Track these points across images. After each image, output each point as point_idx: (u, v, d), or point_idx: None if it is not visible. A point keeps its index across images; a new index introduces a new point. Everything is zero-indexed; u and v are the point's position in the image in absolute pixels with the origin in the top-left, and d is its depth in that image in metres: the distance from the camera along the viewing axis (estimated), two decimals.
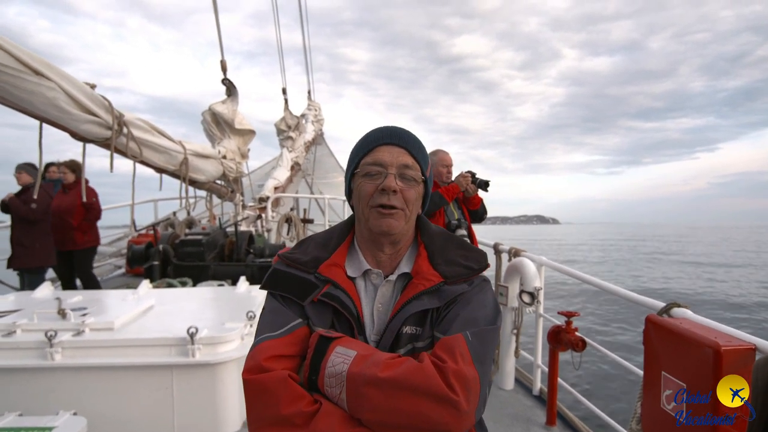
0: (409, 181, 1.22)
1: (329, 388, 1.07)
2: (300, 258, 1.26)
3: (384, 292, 1.25)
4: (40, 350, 2.82)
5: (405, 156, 1.23)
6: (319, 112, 19.51)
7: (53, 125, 3.68)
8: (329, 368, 1.08)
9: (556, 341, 3.31)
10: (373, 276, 1.26)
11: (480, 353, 1.10)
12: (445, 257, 1.26)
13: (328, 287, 1.20)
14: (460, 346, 1.08)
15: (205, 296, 4.32)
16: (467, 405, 1.03)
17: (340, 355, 1.09)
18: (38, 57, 3.31)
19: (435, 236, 1.31)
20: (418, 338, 1.18)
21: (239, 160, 7.70)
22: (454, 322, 1.15)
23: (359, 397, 1.03)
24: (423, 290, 1.19)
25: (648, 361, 2.21)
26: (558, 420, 3.49)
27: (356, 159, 1.27)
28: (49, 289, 4.16)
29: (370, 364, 1.05)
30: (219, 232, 7.08)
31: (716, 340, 1.84)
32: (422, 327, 1.19)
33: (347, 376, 1.05)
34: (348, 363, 1.07)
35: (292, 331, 1.16)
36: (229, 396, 2.95)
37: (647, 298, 2.63)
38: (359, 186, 1.24)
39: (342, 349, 1.10)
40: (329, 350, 1.10)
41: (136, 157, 4.69)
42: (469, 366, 1.06)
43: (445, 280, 1.20)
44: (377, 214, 1.20)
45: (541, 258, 4.05)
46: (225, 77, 7.27)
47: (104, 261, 8.55)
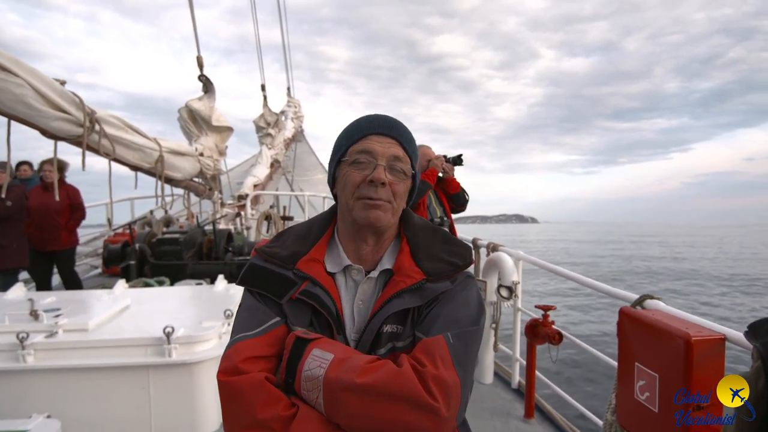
0: (398, 173, 1.18)
1: (306, 392, 1.04)
2: (278, 252, 1.21)
3: (365, 289, 1.21)
4: (11, 353, 2.75)
5: (396, 148, 1.19)
6: (299, 109, 19.35)
7: (22, 122, 3.59)
8: (305, 372, 1.04)
9: (534, 335, 3.35)
10: (354, 272, 1.22)
11: (461, 356, 1.07)
12: (428, 252, 1.21)
13: (307, 284, 1.16)
14: (440, 349, 1.05)
15: (182, 295, 4.27)
16: (447, 411, 1.00)
17: (316, 359, 1.05)
18: (5, 53, 3.22)
19: (418, 230, 1.27)
20: (398, 337, 1.15)
21: (217, 157, 7.60)
22: (435, 322, 1.11)
23: (336, 402, 1.01)
24: (404, 288, 1.15)
25: (622, 353, 2.24)
26: (536, 412, 3.53)
27: (344, 146, 1.21)
28: (22, 290, 4.06)
29: (348, 368, 1.02)
30: (197, 230, 7.00)
31: (687, 331, 1.88)
32: (403, 325, 1.15)
33: (324, 381, 1.02)
34: (324, 367, 1.03)
35: (270, 330, 1.12)
36: (206, 396, 2.92)
37: (621, 290, 2.66)
38: (345, 174, 1.18)
39: (319, 352, 1.06)
40: (305, 353, 1.06)
41: (109, 155, 4.59)
42: (450, 370, 1.03)
43: (428, 278, 1.16)
44: (363, 205, 1.15)
45: (518, 252, 4.09)
46: (202, 74, 7.16)
47: (80, 261, 8.39)
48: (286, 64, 18.06)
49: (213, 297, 4.03)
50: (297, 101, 19.44)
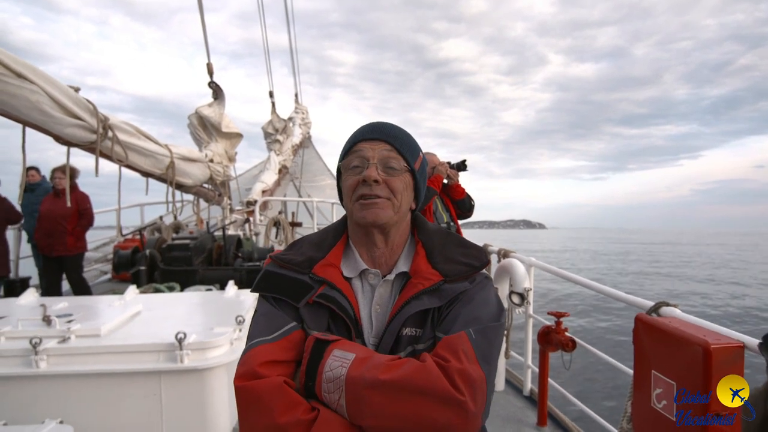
0: (392, 169, 1.18)
1: (327, 393, 1.02)
2: (293, 258, 1.21)
3: (382, 293, 1.20)
4: (24, 358, 2.76)
5: (386, 147, 1.20)
6: (307, 116, 19.49)
7: (37, 129, 3.63)
8: (327, 373, 1.02)
9: (546, 342, 3.32)
10: (371, 276, 1.21)
11: (485, 351, 1.06)
12: (444, 255, 1.21)
13: (324, 288, 1.15)
14: (463, 344, 1.04)
15: (193, 301, 4.27)
16: (474, 405, 0.98)
17: (337, 359, 1.03)
18: (21, 60, 3.26)
19: (433, 234, 1.27)
20: (418, 340, 1.14)
21: (226, 163, 7.66)
22: (456, 322, 1.10)
23: (359, 401, 0.98)
24: (422, 290, 1.14)
25: (638, 360, 2.21)
26: (549, 420, 3.50)
27: (342, 156, 1.24)
28: (34, 295, 4.09)
29: (370, 366, 1.00)
30: (207, 236, 7.02)
31: (705, 339, 1.85)
32: (423, 328, 1.14)
33: (346, 380, 1.00)
34: (346, 366, 1.01)
35: (287, 335, 1.11)
36: (218, 402, 2.92)
37: (636, 297, 2.64)
38: (344, 181, 1.22)
39: (340, 352, 1.04)
40: (326, 354, 1.05)
41: (122, 161, 4.63)
42: (474, 365, 1.02)
43: (445, 279, 1.15)
44: (360, 205, 1.16)
45: (530, 259, 4.07)
46: (212, 80, 7.22)
47: (90, 267, 8.44)
48: (294, 72, 18.18)
49: (224, 303, 4.03)
50: (305, 107, 19.55)
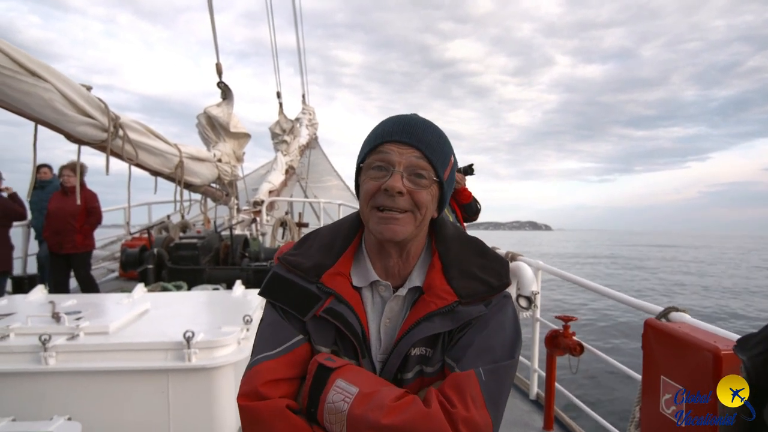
0: (420, 178, 1.06)
1: (329, 424, 0.98)
2: (302, 263, 1.14)
3: (393, 307, 1.13)
4: (33, 354, 2.78)
5: (416, 154, 1.07)
6: (314, 116, 19.53)
7: (48, 127, 3.65)
8: (329, 404, 0.98)
9: (554, 345, 3.31)
10: (381, 288, 1.14)
11: (494, 394, 1.00)
12: (461, 268, 1.12)
13: (331, 301, 1.08)
14: (471, 387, 0.98)
15: (200, 300, 4.29)
16: None
17: (340, 392, 0.98)
18: (34, 58, 3.28)
19: (451, 242, 1.17)
20: (428, 361, 1.08)
21: (234, 163, 7.68)
22: (467, 351, 1.04)
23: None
24: (434, 310, 1.06)
25: (647, 365, 2.21)
26: (555, 424, 3.49)
27: (364, 152, 1.12)
28: (42, 292, 4.12)
29: (374, 406, 0.95)
30: (214, 235, 7.06)
31: (716, 344, 1.85)
32: (433, 348, 1.08)
33: (348, 418, 0.96)
34: (349, 402, 0.96)
35: (292, 349, 1.07)
36: (225, 401, 2.92)
37: (645, 302, 2.63)
38: (363, 182, 1.10)
39: (343, 383, 0.99)
40: (328, 384, 1.00)
41: (132, 160, 4.65)
42: (481, 410, 0.97)
43: (460, 300, 1.07)
44: (377, 218, 1.06)
45: (538, 262, 4.06)
46: (220, 80, 7.23)
47: (98, 264, 8.48)
48: (302, 73, 18.24)
49: (231, 302, 4.05)
50: (312, 108, 19.60)
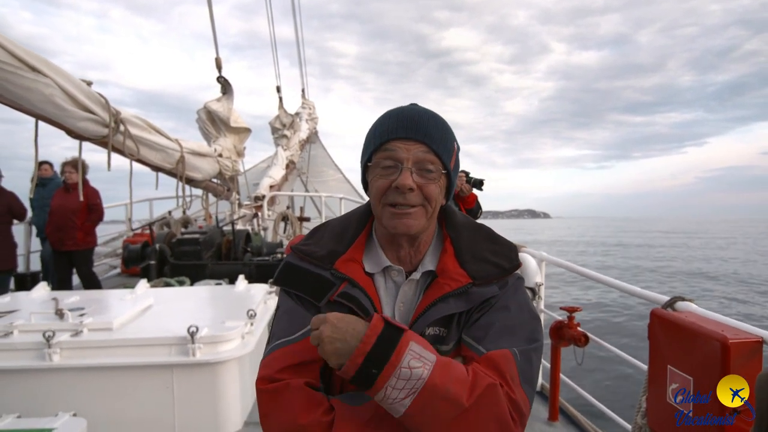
0: (428, 172, 1.08)
1: (392, 388, 0.92)
2: (315, 251, 1.16)
3: (406, 291, 1.15)
4: (38, 351, 2.78)
5: (423, 149, 1.08)
6: (313, 111, 19.50)
7: (49, 123, 3.64)
8: (403, 369, 0.92)
9: (558, 337, 3.31)
10: (394, 273, 1.16)
11: (528, 374, 1.03)
12: (473, 253, 1.15)
13: (345, 286, 1.10)
14: (510, 367, 1.01)
15: (203, 295, 4.29)
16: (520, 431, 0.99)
17: (417, 357, 0.94)
18: (34, 53, 3.26)
19: (462, 228, 1.20)
20: (443, 341, 1.09)
21: (235, 158, 7.67)
22: (490, 330, 1.06)
23: (427, 410, 0.93)
24: (449, 292, 1.08)
25: (653, 356, 2.19)
26: (560, 415, 3.49)
27: (369, 150, 1.13)
28: (45, 289, 4.12)
29: (454, 379, 0.94)
30: (216, 230, 7.05)
31: (723, 334, 1.83)
32: (447, 328, 1.10)
33: (427, 386, 0.92)
34: (429, 369, 0.93)
35: (309, 334, 1.05)
36: (230, 395, 2.93)
37: (651, 292, 2.61)
38: (372, 181, 1.12)
39: (418, 348, 0.95)
40: (402, 344, 0.94)
41: (133, 156, 4.64)
42: (519, 389, 1.00)
43: (474, 281, 1.10)
44: (391, 214, 1.08)
45: (541, 253, 4.05)
46: (220, 75, 7.20)
47: (100, 261, 8.48)
48: (301, 68, 18.20)
49: (234, 297, 4.04)
50: (311, 103, 19.56)
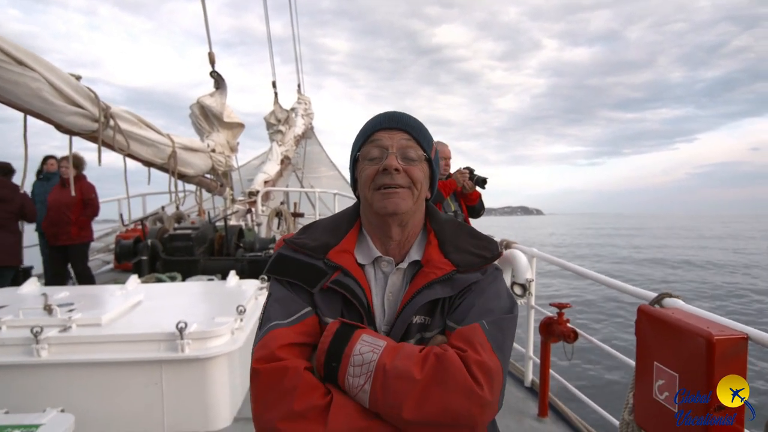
0: (411, 159, 1.19)
1: (352, 377, 1.02)
2: (308, 243, 1.22)
3: (394, 281, 1.21)
4: (26, 347, 2.77)
5: (404, 136, 1.20)
6: (309, 106, 19.44)
7: (38, 117, 3.61)
8: (355, 356, 1.03)
9: (548, 333, 3.31)
10: (384, 263, 1.22)
11: (499, 341, 1.08)
12: (456, 245, 1.22)
13: (338, 274, 1.16)
14: (478, 335, 1.06)
15: (194, 291, 4.28)
16: (491, 395, 1.01)
17: (368, 344, 1.04)
18: (22, 47, 3.24)
19: (445, 224, 1.28)
20: (427, 328, 1.16)
21: (228, 153, 7.64)
22: (469, 312, 1.12)
23: (387, 390, 1.00)
24: (434, 279, 1.16)
25: (640, 352, 2.20)
26: (550, 411, 3.50)
27: (357, 146, 1.24)
28: (35, 284, 4.10)
29: (402, 356, 1.03)
30: (208, 226, 7.03)
31: (709, 330, 1.83)
32: (432, 317, 1.16)
33: (377, 368, 1.01)
34: (378, 353, 1.03)
35: (303, 319, 1.12)
36: (219, 391, 2.92)
37: (639, 288, 2.62)
38: (361, 171, 1.21)
39: (369, 338, 1.06)
40: (354, 337, 1.05)
41: (123, 150, 4.62)
42: (490, 353, 1.04)
43: (457, 269, 1.17)
44: (380, 195, 1.16)
45: (532, 250, 4.06)
46: (213, 70, 7.18)
47: (92, 257, 8.46)
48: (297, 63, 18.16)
49: (225, 293, 4.03)
50: (307, 98, 19.50)
